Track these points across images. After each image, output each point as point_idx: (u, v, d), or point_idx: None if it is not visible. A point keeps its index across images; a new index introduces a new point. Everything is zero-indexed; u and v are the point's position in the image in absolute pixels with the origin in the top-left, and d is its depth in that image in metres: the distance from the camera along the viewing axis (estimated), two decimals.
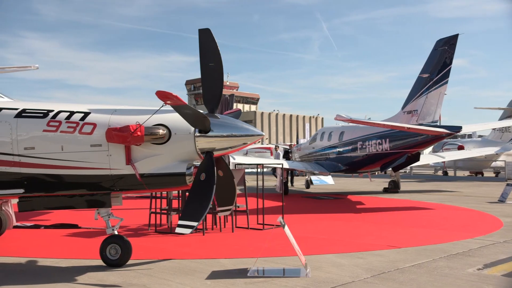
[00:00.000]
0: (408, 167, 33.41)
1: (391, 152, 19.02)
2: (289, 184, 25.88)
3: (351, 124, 19.26)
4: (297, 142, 35.90)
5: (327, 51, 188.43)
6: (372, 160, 20.00)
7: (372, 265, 7.49)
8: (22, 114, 7.31)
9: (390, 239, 9.95)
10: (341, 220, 13.23)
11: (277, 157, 29.48)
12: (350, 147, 20.74)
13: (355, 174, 25.02)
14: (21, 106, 7.50)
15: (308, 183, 24.41)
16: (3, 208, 10.94)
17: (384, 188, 23.21)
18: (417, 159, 19.35)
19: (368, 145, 19.78)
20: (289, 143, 48.33)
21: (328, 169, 21.54)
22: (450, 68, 17.94)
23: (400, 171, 22.98)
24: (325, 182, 21.68)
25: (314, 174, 22.72)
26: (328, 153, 22.01)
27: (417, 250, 8.68)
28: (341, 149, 21.22)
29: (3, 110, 7.39)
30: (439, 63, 18.09)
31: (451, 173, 36.29)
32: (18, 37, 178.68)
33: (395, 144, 18.79)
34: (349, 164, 21.04)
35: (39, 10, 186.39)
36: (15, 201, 8.04)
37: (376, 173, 29.83)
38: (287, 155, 29.55)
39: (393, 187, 22.75)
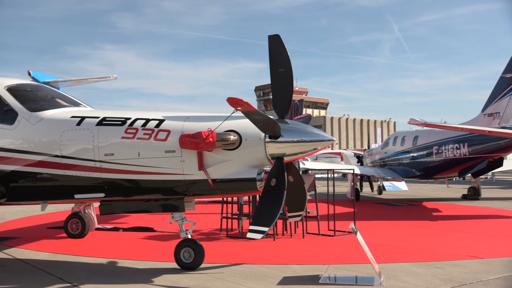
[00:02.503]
0: (490, 173, 31.53)
1: (470, 157, 18.06)
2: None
3: (425, 128, 18.52)
4: (369, 147, 35.05)
5: (399, 53, 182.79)
6: (450, 166, 19.08)
7: (452, 276, 7.11)
8: (102, 122, 7.71)
9: (471, 248, 9.41)
10: (416, 227, 12.70)
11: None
12: (425, 152, 19.93)
13: (430, 180, 23.97)
14: (101, 114, 7.91)
15: (381, 189, 23.74)
16: (86, 211, 11.63)
17: (463, 195, 22.06)
18: (500, 165, 18.24)
19: (445, 149, 18.91)
20: (360, 148, 47.34)
21: (402, 174, 20.83)
22: None
23: (481, 177, 21.72)
24: (399, 188, 20.97)
25: (386, 179, 22.05)
26: (402, 158, 21.29)
27: (502, 262, 8.13)
28: (415, 154, 20.45)
29: (86, 119, 7.84)
30: None
31: None
32: (98, 50, 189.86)
33: (475, 149, 17.82)
34: (424, 170, 20.21)
35: (117, 23, 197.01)
36: (96, 204, 8.51)
37: (454, 179, 28.39)
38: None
39: (473, 194, 21.55)
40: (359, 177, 23.42)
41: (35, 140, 7.94)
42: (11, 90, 8.49)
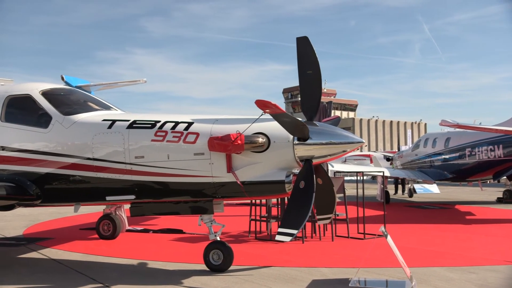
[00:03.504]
0: None
1: (506, 159, 17.56)
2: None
3: (457, 129, 18.12)
4: (399, 149, 34.50)
5: (429, 54, 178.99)
6: (483, 168, 18.60)
7: (487, 281, 6.92)
8: (133, 125, 7.83)
9: (507, 253, 9.12)
10: (448, 231, 12.42)
11: None
12: (457, 154, 19.49)
13: (463, 183, 23.43)
14: (132, 117, 8.04)
15: (411, 192, 23.33)
16: (117, 212, 11.82)
17: (498, 198, 21.48)
18: None
19: (478, 151, 18.45)
20: (389, 150, 46.68)
21: (433, 177, 20.42)
22: None
23: None
24: (430, 191, 20.56)
25: (417, 182, 21.66)
26: (433, 160, 20.89)
27: None
28: (447, 156, 20.03)
29: (117, 122, 7.98)
30: None
31: None
32: (128, 54, 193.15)
33: (510, 151, 17.33)
34: (456, 172, 19.77)
35: (146, 28, 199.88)
36: (127, 206, 8.64)
37: (488, 182, 27.64)
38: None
39: (509, 197, 20.94)
40: (393, 179, 23.10)
41: (68, 143, 8.12)
42: (46, 94, 8.71)
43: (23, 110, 8.84)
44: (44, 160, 8.22)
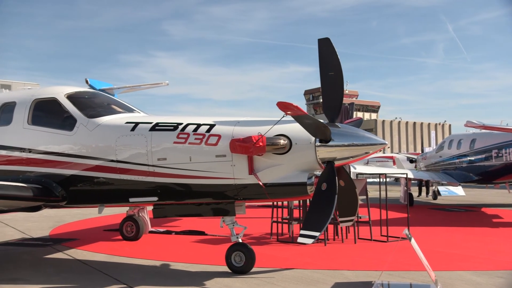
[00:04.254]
0: None
1: None
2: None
3: (483, 130, 17.75)
4: (422, 150, 34.03)
5: (453, 54, 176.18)
6: (511, 170, 18.17)
7: None
8: (155, 127, 7.90)
9: None
10: (474, 234, 12.17)
11: None
12: (483, 156, 19.07)
13: (489, 185, 22.94)
14: (154, 120, 8.11)
15: (436, 194, 22.96)
16: (140, 214, 11.95)
17: None
18: None
19: (506, 153, 18.02)
20: (413, 152, 46.08)
21: (458, 179, 20.02)
22: None
23: None
24: (455, 193, 20.19)
25: (441, 184, 21.30)
26: (458, 162, 20.48)
27: None
28: (472, 158, 19.63)
29: (139, 124, 8.06)
30: None
31: None
32: (151, 57, 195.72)
33: None
34: (482, 174, 19.34)
35: (168, 31, 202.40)
36: (149, 208, 8.72)
37: None
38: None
39: None
40: (417, 181, 22.77)
41: (92, 145, 8.24)
42: (71, 97, 8.86)
43: (49, 113, 9.01)
44: (69, 162, 8.36)
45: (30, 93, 9.30)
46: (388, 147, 79.46)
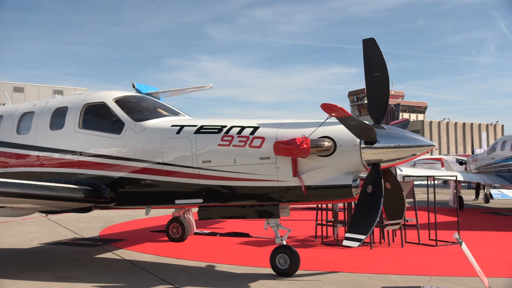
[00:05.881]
0: None
1: None
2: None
3: None
4: (473, 152, 32.86)
5: (506, 51, 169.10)
6: None
7: None
8: (200, 130, 8.01)
9: None
10: None
11: None
12: None
13: None
14: (199, 123, 8.23)
15: (487, 197, 22.10)
16: (185, 216, 12.14)
17: None
18: None
19: None
20: (462, 154, 44.55)
21: None
22: None
23: None
24: (509, 196, 19.31)
25: (494, 187, 20.47)
26: None
27: None
28: None
29: (185, 127, 8.19)
30: None
31: None
32: (195, 61, 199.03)
33: None
34: None
35: (211, 35, 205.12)
36: (195, 209, 8.84)
37: None
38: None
39: None
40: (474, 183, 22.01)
41: (139, 148, 8.45)
42: (119, 101, 9.13)
43: (98, 117, 9.30)
44: (117, 164, 8.60)
45: (81, 98, 9.64)
46: (436, 149, 77.30)
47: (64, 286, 7.34)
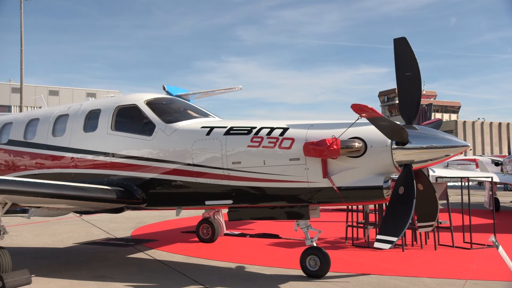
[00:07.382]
0: None
1: None
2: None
3: None
4: (509, 152, 31.90)
5: None
6: None
7: None
8: (230, 131, 8.05)
9: None
10: None
11: None
12: None
13: None
14: (228, 124, 8.27)
15: None
16: (215, 217, 12.22)
17: None
18: None
19: None
20: (498, 154, 43.30)
21: None
22: None
23: None
24: None
25: None
26: None
27: None
28: None
29: (215, 129, 8.25)
30: None
31: None
32: (224, 62, 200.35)
33: None
34: None
35: (240, 36, 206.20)
36: (225, 210, 8.89)
37: None
38: None
39: None
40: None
41: (170, 149, 8.54)
42: (150, 104, 9.26)
43: (130, 119, 9.45)
44: (148, 166, 8.73)
45: (113, 100, 9.81)
46: (470, 149, 75.35)
47: (97, 285, 7.50)
